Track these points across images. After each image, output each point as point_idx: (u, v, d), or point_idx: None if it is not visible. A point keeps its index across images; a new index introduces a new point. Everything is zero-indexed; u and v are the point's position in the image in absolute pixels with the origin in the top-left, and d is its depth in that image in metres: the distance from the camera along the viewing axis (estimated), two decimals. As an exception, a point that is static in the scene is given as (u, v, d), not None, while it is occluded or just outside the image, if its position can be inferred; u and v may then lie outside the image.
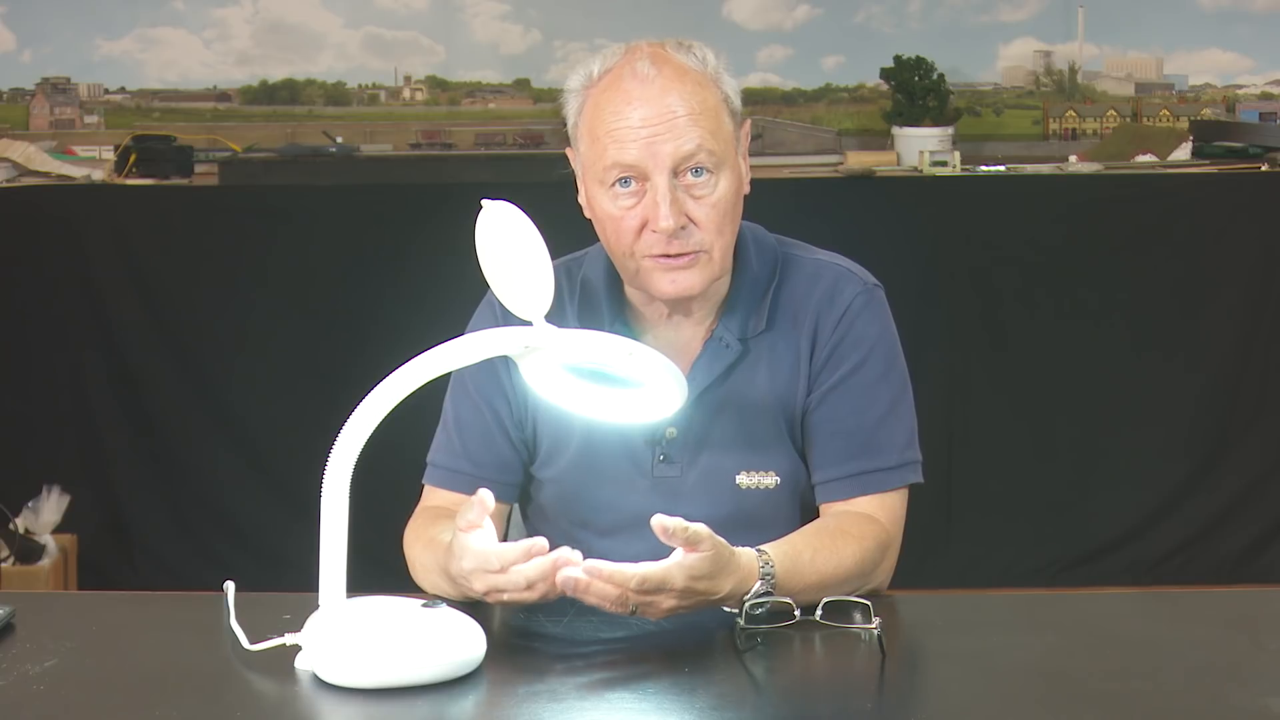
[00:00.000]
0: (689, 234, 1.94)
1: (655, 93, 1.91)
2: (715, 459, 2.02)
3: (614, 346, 1.73)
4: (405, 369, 1.66)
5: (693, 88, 1.93)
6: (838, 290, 2.04)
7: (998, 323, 4.31)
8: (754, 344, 2.02)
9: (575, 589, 1.69)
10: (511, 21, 4.93)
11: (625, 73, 1.93)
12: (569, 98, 1.99)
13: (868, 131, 4.90)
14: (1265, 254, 4.28)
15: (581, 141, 1.99)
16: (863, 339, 2.02)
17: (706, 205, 1.94)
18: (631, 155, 1.91)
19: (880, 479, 2.00)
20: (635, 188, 1.93)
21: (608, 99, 1.93)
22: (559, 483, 2.06)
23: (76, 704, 1.59)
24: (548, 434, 2.05)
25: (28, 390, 4.27)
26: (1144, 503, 4.32)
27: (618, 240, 1.96)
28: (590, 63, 1.98)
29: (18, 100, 4.89)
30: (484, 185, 2.19)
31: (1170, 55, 4.99)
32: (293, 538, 3.70)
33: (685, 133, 1.91)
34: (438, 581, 1.88)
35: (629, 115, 1.91)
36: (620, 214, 1.94)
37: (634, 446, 2.02)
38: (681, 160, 1.92)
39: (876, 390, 2.02)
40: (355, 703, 1.58)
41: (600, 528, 2.04)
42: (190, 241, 4.26)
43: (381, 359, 1.80)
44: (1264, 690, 1.58)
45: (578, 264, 2.09)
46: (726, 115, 1.96)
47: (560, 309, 2.04)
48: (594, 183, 1.97)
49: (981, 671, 1.67)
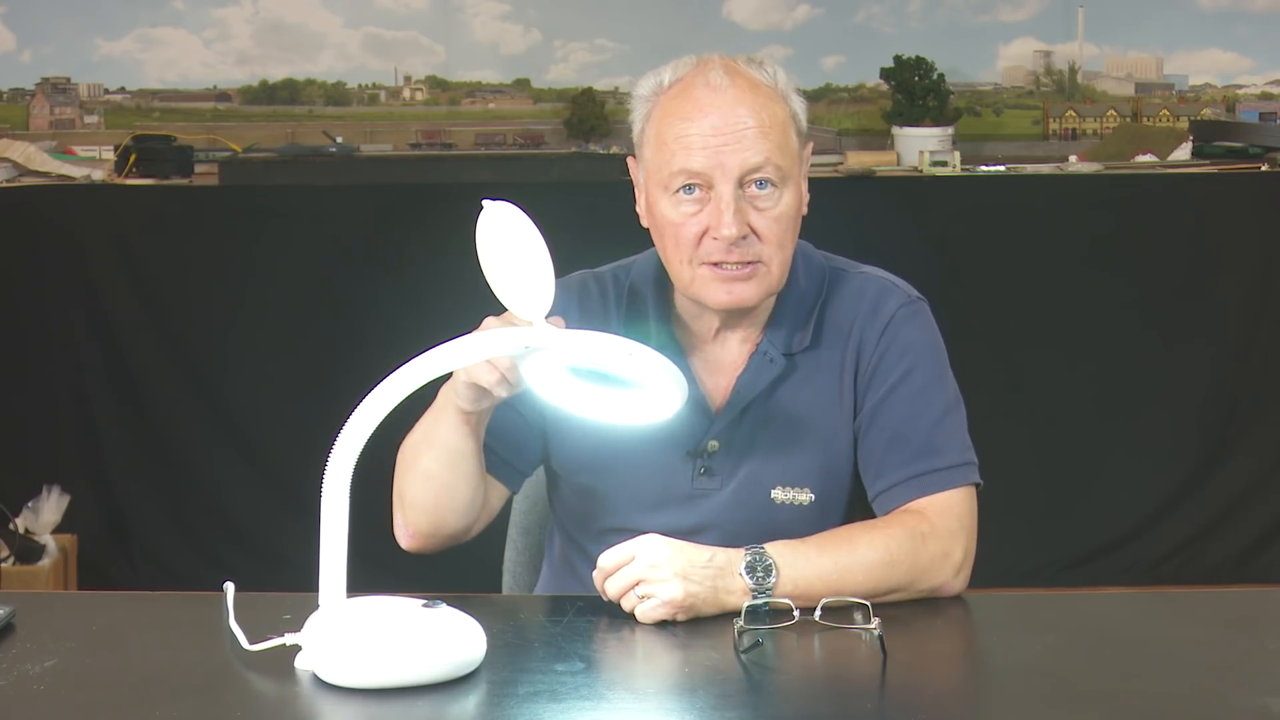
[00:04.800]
0: (749, 244, 1.94)
1: (727, 102, 1.92)
2: (753, 473, 2.01)
3: (614, 347, 1.73)
4: (405, 369, 1.66)
5: (764, 101, 1.94)
6: (880, 304, 2.04)
7: (997, 323, 4.31)
8: (799, 360, 2.02)
9: None
10: (511, 21, 4.93)
11: (698, 81, 1.94)
12: (636, 104, 2.00)
13: (868, 131, 4.90)
14: (1265, 254, 4.27)
15: (648, 147, 1.99)
16: (909, 348, 2.02)
17: (769, 218, 1.94)
18: (699, 163, 1.92)
19: (936, 479, 1.97)
20: (699, 195, 1.93)
21: (678, 106, 1.94)
22: (593, 489, 2.05)
23: (76, 704, 1.59)
24: (589, 438, 2.01)
25: (28, 390, 4.27)
26: (1144, 503, 4.32)
27: (677, 247, 1.96)
28: (661, 71, 1.99)
29: (18, 100, 4.89)
30: (484, 185, 2.20)
31: (1170, 55, 4.99)
32: (293, 538, 3.71)
33: (754, 144, 1.92)
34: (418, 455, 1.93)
35: (700, 123, 1.92)
36: (682, 220, 1.94)
37: (676, 458, 2.01)
38: (748, 171, 1.92)
39: (928, 396, 2.01)
40: (355, 703, 1.58)
41: (633, 535, 2.03)
42: (190, 241, 4.26)
43: (381, 359, 1.80)
44: (1264, 690, 1.58)
45: (625, 271, 2.09)
46: (794, 132, 1.98)
47: (605, 315, 2.04)
48: (658, 188, 1.96)
49: (981, 671, 1.67)
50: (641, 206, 2.03)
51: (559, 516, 2.15)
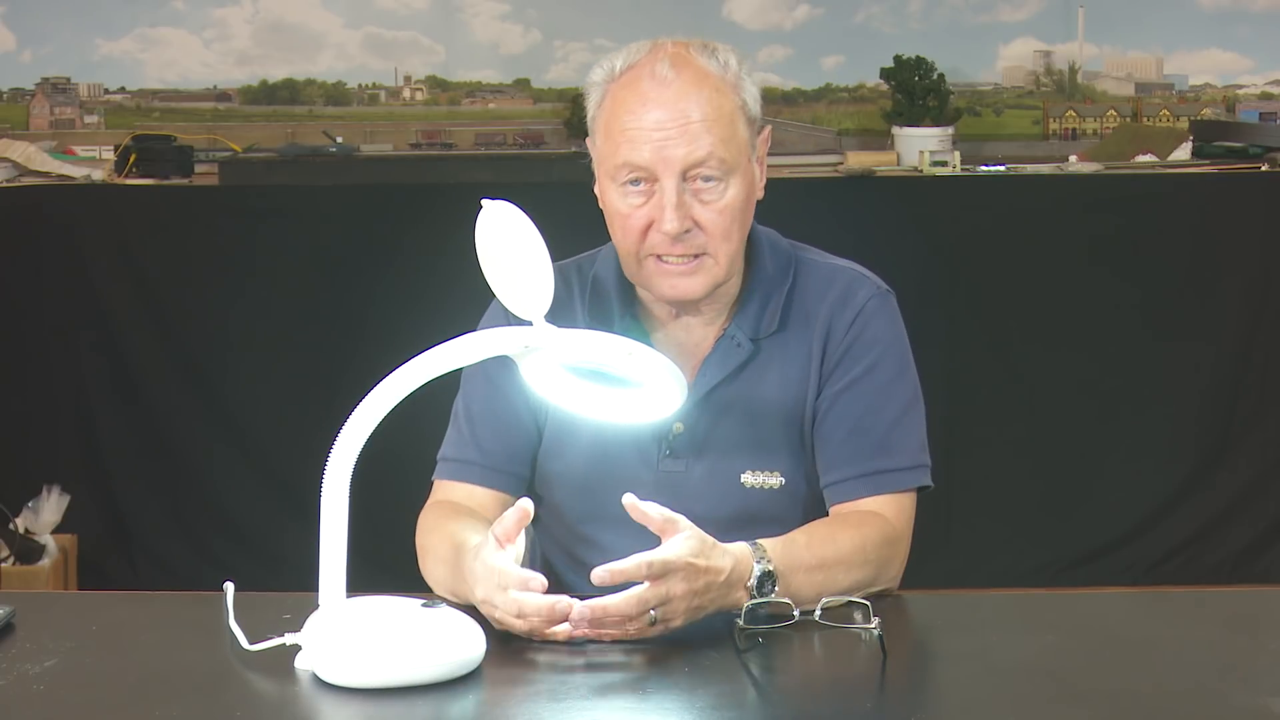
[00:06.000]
0: (693, 237, 1.95)
1: (671, 96, 1.93)
2: (721, 457, 2.02)
3: (613, 346, 1.73)
4: (405, 369, 1.66)
5: (710, 93, 1.94)
6: (851, 293, 2.05)
7: (997, 323, 4.31)
8: (765, 344, 2.03)
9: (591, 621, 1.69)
10: (511, 21, 4.93)
11: (645, 73, 1.95)
12: (591, 89, 2.02)
13: (868, 131, 4.90)
14: (1265, 254, 4.27)
15: (598, 135, 2.01)
16: (876, 341, 2.03)
17: (713, 210, 1.95)
18: (643, 156, 1.93)
19: (891, 479, 2.00)
20: (645, 188, 1.95)
21: (625, 97, 1.95)
22: (567, 476, 2.07)
23: (76, 704, 1.59)
24: (559, 426, 2.05)
25: (28, 390, 4.27)
26: (1144, 503, 4.32)
27: (625, 237, 1.98)
28: (615, 57, 2.00)
29: (18, 100, 4.89)
30: (484, 185, 2.20)
31: (1170, 55, 4.99)
32: (293, 538, 3.70)
33: (698, 139, 1.92)
34: (443, 576, 1.89)
35: (644, 117, 1.93)
36: (629, 211, 1.96)
37: (642, 442, 2.02)
38: (691, 166, 1.93)
39: (889, 392, 2.02)
40: (355, 703, 1.58)
41: (607, 523, 2.03)
42: (190, 241, 4.26)
43: (381, 359, 1.80)
44: (1264, 690, 1.58)
45: (590, 262, 2.11)
46: (743, 122, 1.98)
47: (570, 306, 2.05)
48: (606, 178, 1.99)
49: (981, 671, 1.67)
50: (598, 190, 2.04)
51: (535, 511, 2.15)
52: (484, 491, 2.05)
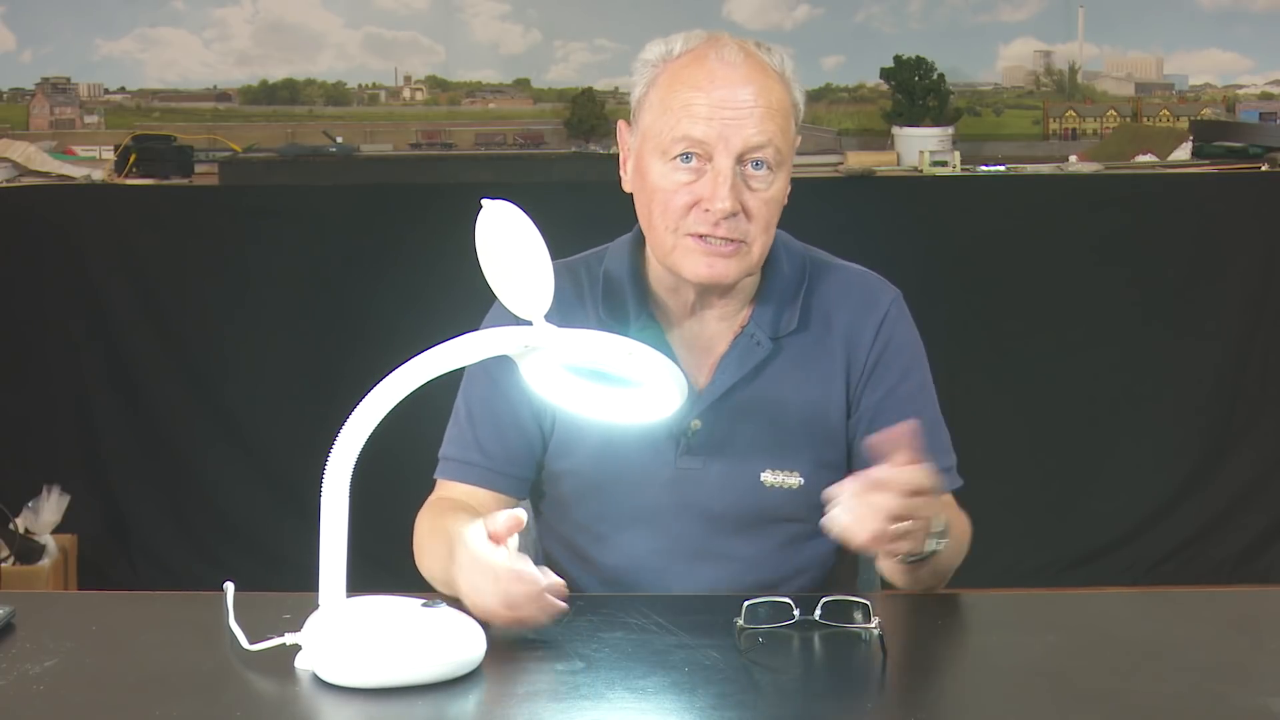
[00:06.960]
0: (738, 222, 1.94)
1: (739, 78, 1.94)
2: (741, 455, 2.02)
3: (613, 346, 1.73)
4: (405, 369, 1.66)
5: (773, 84, 1.96)
6: (872, 296, 2.06)
7: (997, 323, 4.31)
8: (785, 344, 2.03)
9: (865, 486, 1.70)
10: (511, 21, 4.93)
11: (711, 54, 1.96)
12: (640, 68, 2.01)
13: (868, 131, 4.90)
14: (1265, 254, 4.28)
15: (649, 112, 1.99)
16: (904, 347, 2.06)
17: (760, 199, 1.95)
18: (702, 131, 1.93)
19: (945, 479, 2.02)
20: (696, 165, 1.94)
21: (689, 74, 1.95)
22: (577, 474, 2.06)
23: (76, 704, 1.59)
24: (566, 424, 2.04)
25: (28, 390, 4.27)
26: (1144, 503, 4.32)
27: (664, 214, 1.96)
28: (671, 40, 2.00)
29: (18, 100, 4.89)
30: (484, 185, 2.19)
31: (1170, 55, 4.99)
32: (293, 538, 3.70)
33: (760, 124, 1.93)
34: (438, 572, 1.89)
35: (710, 93, 1.93)
36: (674, 188, 1.95)
37: (656, 439, 2.01)
38: (749, 149, 1.93)
39: (924, 396, 2.06)
40: (355, 703, 1.58)
41: (618, 520, 2.04)
42: (190, 241, 4.26)
43: (381, 359, 1.80)
44: (1264, 690, 1.58)
45: (597, 259, 2.10)
46: (794, 121, 1.99)
47: (580, 303, 2.05)
48: (654, 153, 1.97)
49: (981, 671, 1.67)
50: (628, 171, 2.03)
51: (539, 508, 2.16)
52: (485, 493, 2.05)
